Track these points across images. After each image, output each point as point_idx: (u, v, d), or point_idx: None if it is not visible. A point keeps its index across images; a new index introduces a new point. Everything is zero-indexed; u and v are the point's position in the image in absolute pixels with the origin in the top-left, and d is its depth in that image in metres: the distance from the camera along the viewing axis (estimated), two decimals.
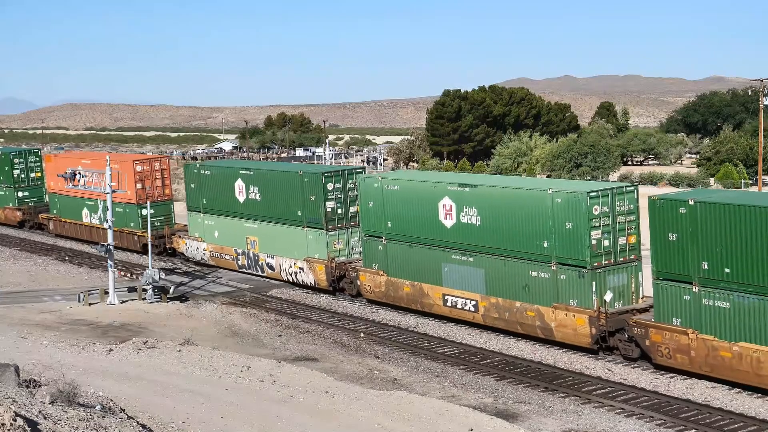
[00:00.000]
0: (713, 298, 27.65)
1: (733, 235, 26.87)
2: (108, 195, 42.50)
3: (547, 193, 32.69)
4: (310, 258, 43.23)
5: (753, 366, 26.58)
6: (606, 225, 31.66)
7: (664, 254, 28.80)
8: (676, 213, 28.37)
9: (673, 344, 28.83)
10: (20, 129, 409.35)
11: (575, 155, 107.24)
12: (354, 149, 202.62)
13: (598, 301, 31.23)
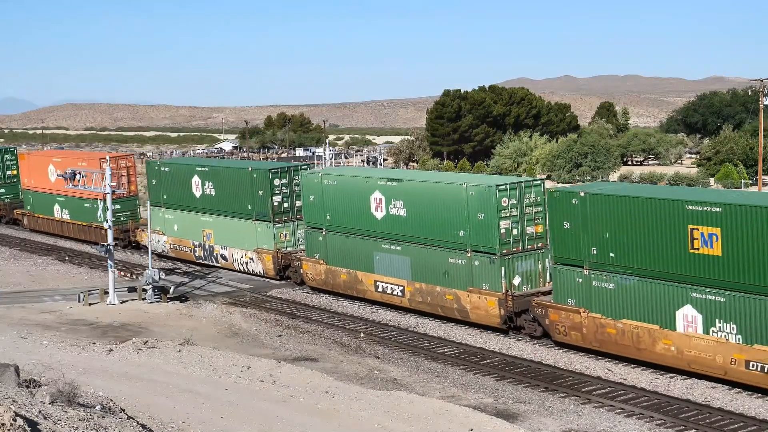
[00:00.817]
0: (601, 280, 30.78)
1: (616, 223, 30.06)
2: (108, 195, 42.56)
3: (462, 187, 35.66)
4: (259, 249, 46.19)
5: (633, 341, 29.89)
6: (514, 215, 34.75)
7: (560, 241, 31.94)
8: (569, 204, 31.50)
9: (568, 322, 31.90)
10: (20, 129, 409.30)
11: (575, 155, 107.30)
12: (354, 149, 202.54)
13: (506, 285, 34.23)
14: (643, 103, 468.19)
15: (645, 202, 29.53)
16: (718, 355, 27.68)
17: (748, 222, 26.70)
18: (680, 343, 28.58)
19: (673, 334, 28.81)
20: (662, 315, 29.09)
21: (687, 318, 28.48)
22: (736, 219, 27.04)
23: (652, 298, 29.36)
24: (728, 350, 27.40)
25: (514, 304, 33.91)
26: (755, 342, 26.76)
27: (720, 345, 27.60)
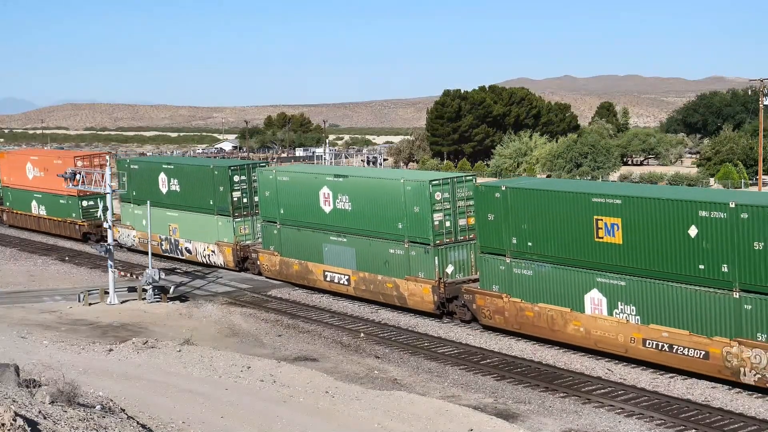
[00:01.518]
0: (520, 267, 33.50)
1: (533, 215, 32.77)
2: (108, 195, 42.53)
3: (400, 182, 38.41)
4: (220, 242, 49.05)
5: (548, 323, 32.65)
6: (447, 209, 37.23)
7: (485, 232, 34.57)
8: (493, 197, 34.23)
9: (492, 307, 34.67)
10: (20, 129, 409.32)
11: (575, 155, 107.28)
12: (354, 149, 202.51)
13: (438, 273, 36.82)
14: (643, 103, 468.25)
15: (557, 195, 32.20)
16: (619, 335, 30.35)
17: (644, 212, 29.27)
18: (588, 324, 31.28)
19: (582, 316, 31.49)
20: (573, 299, 31.76)
21: (594, 301, 31.23)
22: (633, 210, 29.62)
23: (564, 283, 32.03)
24: (628, 330, 30.04)
25: (446, 291, 36.66)
26: (651, 322, 29.42)
27: (621, 325, 30.25)
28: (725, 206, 27.35)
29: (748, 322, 26.99)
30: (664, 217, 28.86)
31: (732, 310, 27.37)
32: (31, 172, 65.94)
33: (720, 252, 27.46)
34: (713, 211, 27.63)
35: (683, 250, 28.37)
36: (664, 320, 29.12)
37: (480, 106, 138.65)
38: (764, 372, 26.63)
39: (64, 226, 62.30)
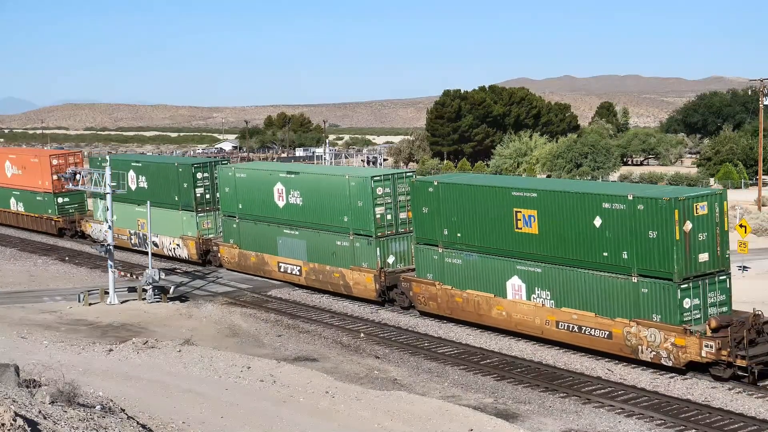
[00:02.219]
0: (451, 256, 36.08)
1: (462, 208, 35.32)
2: (108, 195, 42.53)
3: (345, 178, 41.09)
4: (184, 236, 51.58)
5: (475, 308, 35.32)
6: (388, 203, 39.90)
7: (420, 224, 37.12)
8: (427, 191, 36.63)
9: (427, 294, 37.34)
10: (20, 129, 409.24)
11: (575, 155, 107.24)
12: (354, 149, 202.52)
13: (380, 263, 39.56)
14: (643, 103, 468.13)
15: (481, 190, 34.96)
16: (536, 318, 33.02)
17: (556, 205, 31.91)
18: (509, 308, 33.96)
19: (504, 301, 34.18)
20: (496, 285, 34.42)
21: (514, 287, 33.87)
22: (547, 202, 32.24)
23: (489, 271, 34.72)
24: (544, 313, 32.69)
25: (387, 280, 39.41)
26: (563, 305, 32.04)
27: (538, 309, 32.92)
28: (624, 198, 29.74)
29: (644, 304, 29.51)
30: (573, 209, 31.36)
31: (631, 293, 29.86)
32: (9, 170, 68.42)
33: (620, 240, 29.96)
34: (614, 203, 30.13)
35: (590, 239, 30.91)
36: (574, 304, 31.70)
37: (480, 106, 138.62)
38: (658, 349, 29.16)
39: (41, 222, 64.93)
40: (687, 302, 28.90)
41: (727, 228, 30.00)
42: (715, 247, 29.44)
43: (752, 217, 63.04)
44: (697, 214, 29.08)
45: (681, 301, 28.80)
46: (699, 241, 29.05)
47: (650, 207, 29.18)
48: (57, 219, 63.38)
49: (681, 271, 28.69)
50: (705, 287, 29.33)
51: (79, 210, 63.93)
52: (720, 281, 29.72)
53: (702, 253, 29.15)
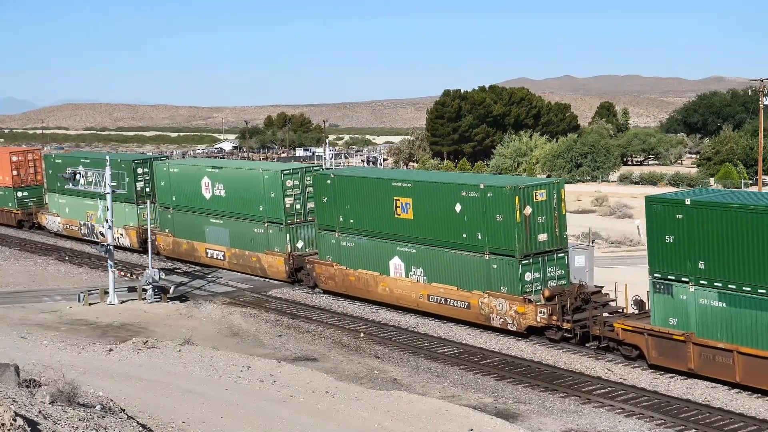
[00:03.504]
0: (346, 240, 40.73)
1: (353, 197, 40.06)
2: (108, 195, 42.55)
3: (260, 172, 46.30)
4: (127, 226, 55.84)
5: (365, 285, 40.04)
6: (297, 194, 44.77)
7: (321, 212, 41.81)
8: (325, 183, 41.45)
9: (327, 274, 42.06)
10: (20, 129, 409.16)
11: (575, 155, 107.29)
12: (354, 149, 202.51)
13: (290, 248, 44.43)
14: (643, 103, 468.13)
15: (369, 181, 40.14)
16: (413, 292, 37.83)
17: (426, 193, 36.79)
18: (392, 285, 38.77)
19: (387, 278, 39.01)
20: (381, 265, 39.14)
21: (396, 266, 38.68)
22: (419, 191, 37.08)
23: (375, 252, 39.38)
24: (418, 288, 37.46)
25: (295, 262, 44.26)
26: (433, 281, 36.88)
27: (414, 285, 37.70)
28: (477, 187, 34.74)
29: (494, 278, 34.37)
30: (439, 197, 36.34)
31: (484, 269, 34.74)
32: None
33: (475, 223, 34.86)
34: (470, 191, 35.07)
35: (452, 222, 35.72)
36: (442, 279, 36.54)
37: (480, 106, 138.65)
38: (505, 317, 34.04)
39: (2, 215, 69.95)
40: (528, 276, 33.63)
41: (564, 212, 34.71)
42: (554, 229, 34.21)
43: None
44: (537, 201, 33.89)
45: (522, 274, 33.51)
46: (538, 224, 33.79)
47: (497, 194, 34.03)
48: (16, 212, 68.36)
49: (522, 249, 33.49)
50: (544, 263, 33.95)
51: (36, 203, 68.31)
52: (559, 258, 34.29)
53: (541, 234, 33.88)
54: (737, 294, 27.18)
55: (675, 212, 28.54)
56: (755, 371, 26.75)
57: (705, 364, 28.11)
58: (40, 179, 68.61)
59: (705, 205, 27.97)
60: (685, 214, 28.25)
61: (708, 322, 28.01)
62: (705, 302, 28.03)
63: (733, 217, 27.15)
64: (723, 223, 27.37)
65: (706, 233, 27.77)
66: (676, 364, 28.88)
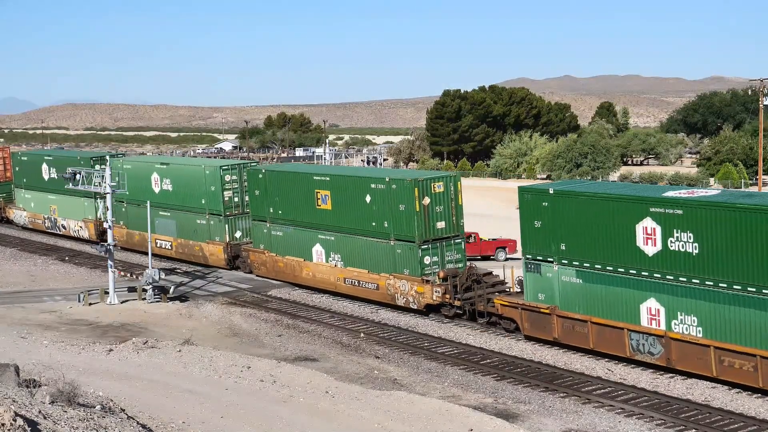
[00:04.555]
0: (276, 230, 44.72)
1: (281, 190, 44.21)
2: (108, 195, 42.54)
3: (202, 168, 50.57)
4: (86, 219, 60.53)
5: (291, 270, 44.24)
6: (235, 188, 48.75)
7: (254, 204, 46.03)
8: (258, 178, 45.93)
9: (259, 261, 46.34)
10: (20, 129, 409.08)
11: (575, 155, 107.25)
12: (354, 149, 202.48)
13: (228, 237, 48.62)
14: (643, 103, 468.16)
15: (293, 175, 44.39)
16: (332, 276, 41.85)
17: (342, 186, 40.91)
18: (314, 269, 42.84)
19: (310, 264, 43.04)
20: (305, 251, 43.19)
21: (317, 252, 42.68)
22: (336, 184, 41.21)
23: (300, 240, 43.41)
24: (336, 272, 41.54)
25: (233, 250, 48.73)
26: (349, 265, 40.99)
27: (332, 269, 41.69)
28: (384, 180, 38.86)
29: (399, 262, 38.44)
30: (352, 189, 40.29)
31: (390, 253, 38.75)
32: None
33: (382, 213, 38.88)
34: (378, 184, 39.04)
35: (364, 212, 39.63)
36: (356, 264, 40.58)
37: (480, 106, 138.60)
38: (407, 296, 38.13)
39: None
40: (427, 259, 37.79)
41: (461, 203, 38.67)
42: (451, 217, 38.31)
43: None
44: (435, 192, 37.92)
45: (422, 258, 37.64)
46: (437, 213, 37.89)
47: (400, 186, 38.06)
48: None
49: (421, 235, 37.64)
50: (442, 248, 38.07)
51: (6, 199, 72.52)
52: (456, 243, 38.56)
53: (439, 222, 37.99)
54: (590, 271, 31.02)
55: (541, 200, 32.60)
56: (604, 338, 30.68)
57: (566, 334, 32.03)
58: (9, 176, 72.00)
59: (564, 194, 31.92)
60: (550, 202, 32.27)
61: (568, 296, 31.89)
62: (566, 279, 31.93)
63: (585, 204, 31.08)
64: (578, 210, 31.27)
65: (566, 219, 31.68)
66: (544, 334, 32.86)
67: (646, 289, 29.35)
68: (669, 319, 28.88)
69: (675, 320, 28.73)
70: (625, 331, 29.92)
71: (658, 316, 29.18)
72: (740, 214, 26.83)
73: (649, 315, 29.40)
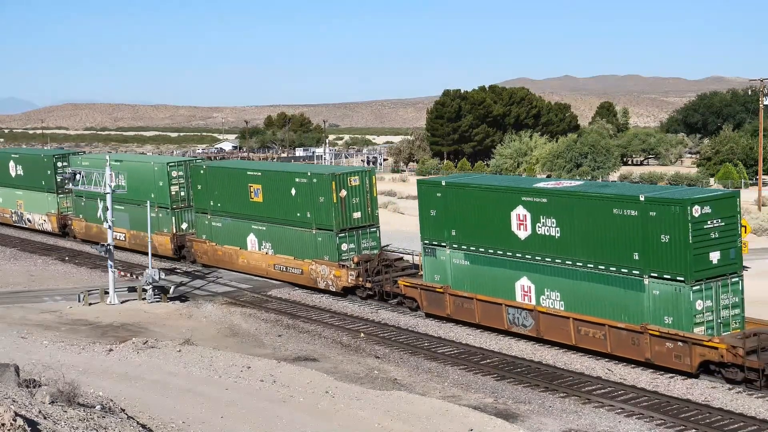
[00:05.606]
0: (216, 221, 48.49)
1: (220, 185, 47.84)
2: (108, 195, 42.54)
3: (151, 165, 54.08)
4: (49, 213, 64.57)
5: (229, 257, 47.87)
6: (182, 183, 52.07)
7: (197, 198, 49.91)
8: (200, 173, 49.61)
9: (201, 250, 50.06)
10: (20, 129, 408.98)
11: (575, 155, 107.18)
12: (354, 149, 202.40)
13: (175, 229, 51.91)
14: (643, 103, 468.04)
15: (230, 171, 48.29)
16: (263, 263, 45.63)
17: (271, 181, 44.82)
18: (248, 257, 46.61)
19: (245, 252, 46.85)
20: (240, 240, 47.04)
21: (251, 241, 46.33)
22: (267, 179, 45.18)
23: (236, 230, 47.05)
24: (268, 259, 45.32)
25: (178, 241, 51.94)
26: (278, 253, 44.89)
27: (264, 256, 45.60)
28: (306, 175, 42.90)
29: (320, 249, 42.33)
30: (280, 183, 44.11)
31: (312, 241, 42.76)
32: None
33: (305, 204, 42.73)
34: (301, 178, 42.95)
35: (290, 204, 43.38)
36: (284, 251, 44.53)
37: (480, 106, 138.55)
38: (327, 279, 41.99)
39: None
40: (344, 246, 41.60)
41: (375, 195, 42.75)
42: (366, 208, 42.07)
43: (752, 217, 63.04)
44: (351, 185, 41.63)
45: (339, 245, 41.49)
46: (353, 204, 41.65)
47: (320, 180, 41.95)
48: None
49: (338, 224, 41.38)
50: (358, 236, 41.98)
51: None
52: (371, 231, 42.46)
53: (355, 212, 41.78)
54: (476, 254, 35.04)
55: (436, 191, 36.58)
56: (487, 313, 34.65)
57: (457, 310, 36.02)
58: None
59: (454, 186, 36.03)
60: (442, 193, 36.28)
61: (459, 277, 35.90)
62: (456, 261, 35.92)
63: (470, 194, 35.15)
64: (465, 200, 35.22)
65: (456, 207, 35.62)
66: (439, 311, 36.87)
67: (520, 269, 33.33)
68: (538, 295, 32.86)
69: (543, 296, 32.70)
70: (503, 307, 33.87)
71: (530, 293, 33.16)
72: (591, 202, 30.81)
73: (523, 292, 33.41)
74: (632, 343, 29.61)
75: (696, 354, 28.06)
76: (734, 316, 29.23)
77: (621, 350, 30.07)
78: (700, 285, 28.42)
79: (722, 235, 28.96)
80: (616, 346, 30.11)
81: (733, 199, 29.37)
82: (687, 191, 31.45)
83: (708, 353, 27.87)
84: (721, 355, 27.62)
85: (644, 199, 29.12)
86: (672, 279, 28.56)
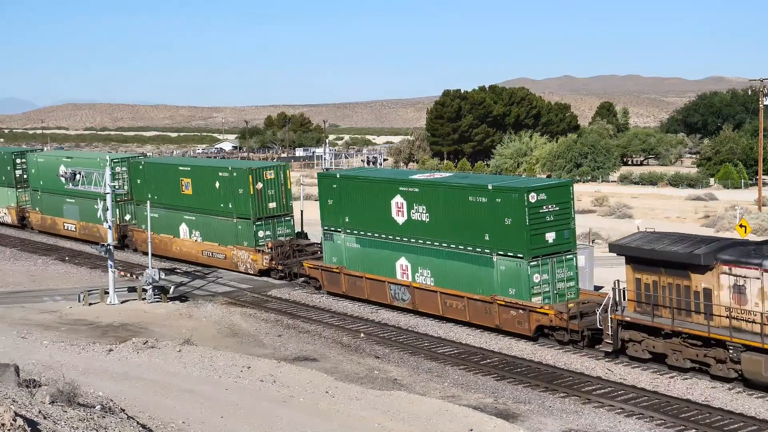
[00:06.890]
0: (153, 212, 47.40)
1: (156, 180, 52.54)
2: (108, 195, 42.53)
3: (97, 161, 55.85)
4: (9, 206, 69.29)
5: (165, 245, 52.09)
6: (125, 178, 55.29)
7: (137, 190, 54.55)
8: (139, 169, 54.52)
9: (140, 239, 52.93)
10: (20, 129, 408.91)
11: (575, 155, 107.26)
12: (354, 149, 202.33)
13: (119, 220, 53.83)
14: (643, 103, 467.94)
15: (164, 166, 53.80)
16: (193, 249, 50.48)
17: (198, 175, 49.90)
18: (181, 245, 51.41)
19: (178, 240, 51.59)
20: (174, 229, 51.66)
21: (183, 230, 51.12)
22: (195, 174, 50.02)
23: (170, 220, 51.57)
24: (198, 246, 50.14)
25: (122, 231, 55.71)
26: (206, 240, 49.62)
27: (195, 244, 50.39)
28: (228, 169, 48.09)
29: (240, 236, 47.36)
30: (206, 177, 49.09)
31: (233, 229, 47.46)
32: None
33: (227, 196, 47.53)
34: (224, 173, 48.04)
35: (214, 196, 48.33)
36: (211, 238, 49.27)
37: (480, 106, 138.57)
38: (246, 264, 47.02)
39: None
40: (261, 233, 46.49)
41: (290, 187, 47.67)
42: (281, 199, 47.10)
43: (752, 217, 63.01)
44: (267, 178, 46.73)
45: (256, 232, 46.48)
46: (269, 195, 46.56)
47: (239, 174, 46.83)
48: None
49: (255, 213, 46.37)
50: (274, 224, 46.93)
51: None
52: (286, 220, 47.46)
53: (271, 203, 46.65)
54: (365, 238, 39.83)
55: (332, 183, 41.41)
56: (375, 290, 39.45)
57: (351, 288, 40.72)
58: None
59: (347, 178, 41.41)
60: (338, 184, 41.07)
61: (352, 258, 40.60)
62: (350, 245, 40.56)
63: (359, 185, 40.05)
64: (355, 190, 40.01)
65: (348, 197, 40.32)
66: (337, 289, 41.54)
67: (399, 250, 38.24)
68: (413, 273, 37.78)
69: (417, 273, 37.58)
70: (386, 284, 38.81)
71: (407, 271, 38.06)
72: (451, 191, 35.76)
73: (402, 270, 38.27)
74: (485, 312, 34.39)
75: (533, 320, 32.85)
76: (569, 288, 33.99)
77: (477, 318, 34.91)
78: (537, 261, 33.15)
79: (557, 219, 33.51)
80: (474, 315, 34.94)
81: (566, 187, 34.33)
82: (527, 181, 38.11)
83: (541, 319, 32.62)
84: (550, 320, 32.32)
85: (492, 188, 33.99)
86: (514, 256, 33.46)
